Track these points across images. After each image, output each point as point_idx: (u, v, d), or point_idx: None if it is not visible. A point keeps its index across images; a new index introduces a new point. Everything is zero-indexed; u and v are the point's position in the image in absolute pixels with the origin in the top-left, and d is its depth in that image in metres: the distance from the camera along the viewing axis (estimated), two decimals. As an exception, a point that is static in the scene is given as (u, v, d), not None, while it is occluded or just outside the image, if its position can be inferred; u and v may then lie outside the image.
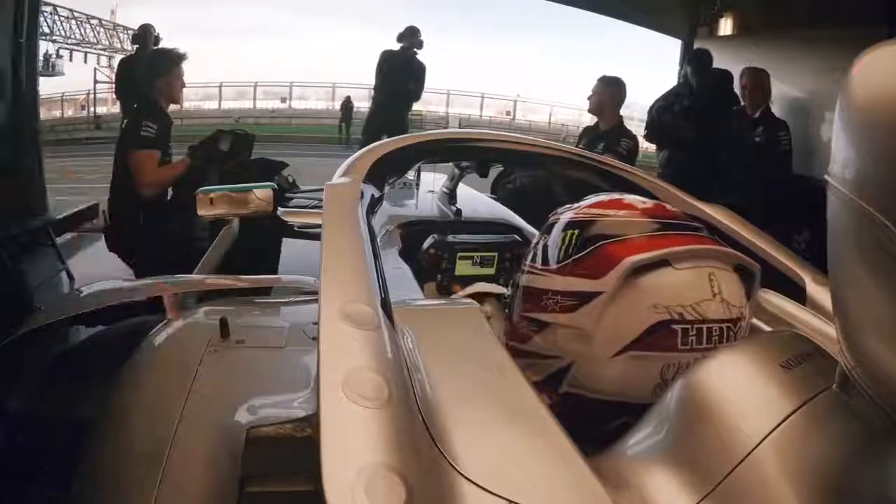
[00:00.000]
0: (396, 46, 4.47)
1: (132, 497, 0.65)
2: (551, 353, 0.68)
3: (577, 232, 0.69)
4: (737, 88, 3.49)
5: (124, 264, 2.71)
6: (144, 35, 4.26)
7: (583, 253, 0.67)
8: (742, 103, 3.44)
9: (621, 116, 3.14)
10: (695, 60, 3.82)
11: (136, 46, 4.34)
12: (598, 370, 0.64)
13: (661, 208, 0.71)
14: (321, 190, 0.94)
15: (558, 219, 0.73)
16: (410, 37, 4.43)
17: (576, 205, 0.74)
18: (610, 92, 3.05)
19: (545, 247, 0.72)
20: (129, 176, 2.56)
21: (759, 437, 0.46)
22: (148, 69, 2.74)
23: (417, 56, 4.49)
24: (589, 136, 3.15)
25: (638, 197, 0.73)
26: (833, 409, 0.47)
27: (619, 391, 0.63)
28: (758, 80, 3.30)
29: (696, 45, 4.56)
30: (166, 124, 2.62)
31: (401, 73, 4.44)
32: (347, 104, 14.81)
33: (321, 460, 0.39)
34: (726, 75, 3.66)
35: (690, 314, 0.62)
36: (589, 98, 3.09)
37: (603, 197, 0.74)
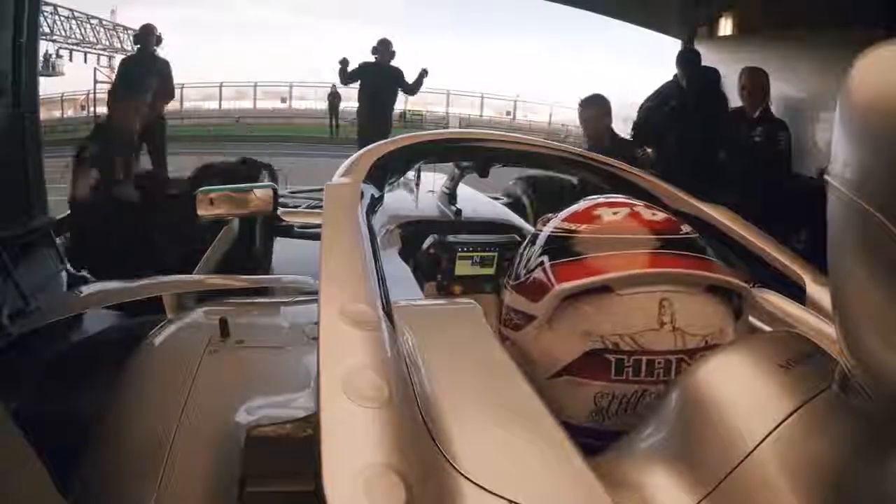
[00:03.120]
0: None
1: (132, 497, 0.65)
2: None
3: (534, 250, 0.68)
4: (734, 89, 3.47)
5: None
6: (146, 35, 4.27)
7: (531, 272, 0.66)
8: (739, 103, 3.41)
9: (613, 130, 3.03)
10: (684, 60, 3.80)
11: (137, 46, 4.35)
12: (539, 390, 0.62)
13: (633, 219, 0.65)
14: (321, 190, 0.94)
15: (541, 230, 0.72)
16: (383, 49, 4.83)
17: (549, 215, 0.72)
18: (592, 111, 2.94)
19: (518, 261, 0.72)
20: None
21: (759, 437, 0.46)
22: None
23: (392, 63, 4.90)
24: None
25: (611, 206, 0.68)
26: (833, 409, 0.47)
27: (557, 412, 0.62)
28: (757, 80, 3.28)
29: (696, 46, 4.55)
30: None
31: (376, 82, 4.84)
32: (334, 99, 13.95)
33: (321, 460, 0.39)
34: (714, 74, 3.64)
35: (628, 344, 0.59)
36: (581, 127, 2.99)
37: (581, 206, 0.70)
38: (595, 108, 2.96)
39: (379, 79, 4.82)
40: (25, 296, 2.50)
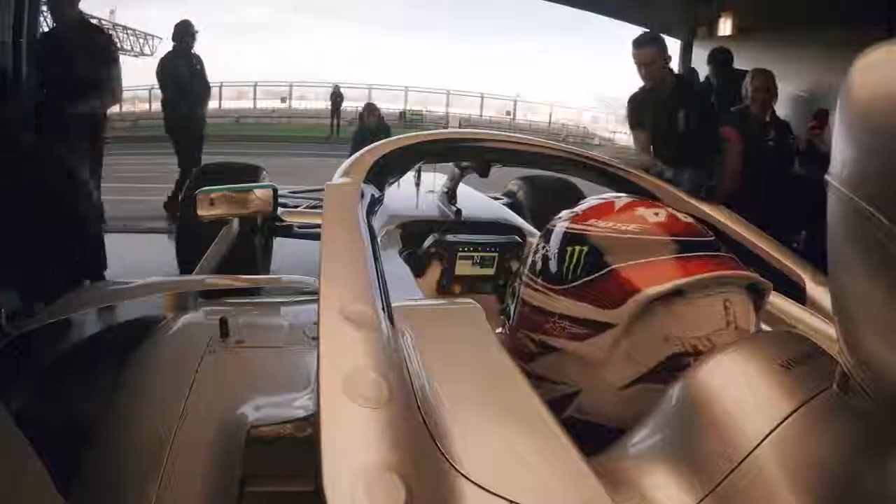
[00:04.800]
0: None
1: (132, 497, 0.65)
2: (557, 379, 0.66)
3: (584, 249, 0.64)
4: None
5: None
6: (183, 31, 4.29)
7: (594, 277, 0.62)
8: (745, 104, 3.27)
9: (673, 71, 3.00)
10: (717, 59, 3.66)
11: (174, 44, 4.35)
12: (608, 400, 0.62)
13: (674, 222, 0.66)
14: (321, 190, 0.95)
15: (558, 226, 0.69)
16: (369, 115, 5.57)
17: (577, 209, 0.70)
18: (650, 51, 2.86)
19: (546, 258, 0.67)
20: None
21: (759, 437, 0.46)
22: None
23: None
24: None
25: (648, 206, 0.68)
26: (833, 409, 0.47)
27: (627, 419, 0.60)
28: (768, 83, 3.12)
29: (695, 45, 4.55)
30: None
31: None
32: (336, 98, 13.75)
33: (321, 460, 0.39)
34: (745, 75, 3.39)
35: (704, 345, 0.60)
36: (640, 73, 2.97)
37: (610, 200, 0.69)
38: (654, 49, 2.84)
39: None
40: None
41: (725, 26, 5.09)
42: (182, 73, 4.26)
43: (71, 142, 2.73)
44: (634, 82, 3.02)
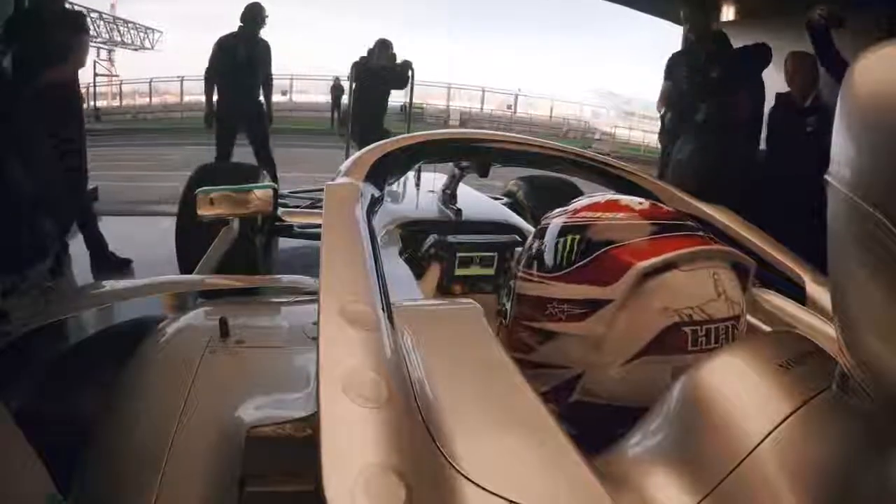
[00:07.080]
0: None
1: (132, 497, 0.65)
2: (560, 363, 0.67)
3: (577, 237, 0.68)
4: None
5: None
6: (251, 14, 4.01)
7: (587, 259, 0.66)
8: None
9: None
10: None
11: (240, 25, 4.03)
12: (611, 377, 0.64)
13: (658, 209, 0.71)
14: (321, 190, 0.95)
15: (552, 223, 0.73)
16: (380, 52, 4.46)
17: (568, 207, 0.74)
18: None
19: (540, 252, 0.71)
20: None
21: (759, 437, 0.46)
22: None
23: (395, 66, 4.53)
24: None
25: (633, 198, 0.73)
26: (833, 409, 0.47)
27: (632, 396, 0.63)
28: (805, 66, 3.02)
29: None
30: None
31: (374, 84, 4.46)
32: (337, 91, 13.82)
33: (321, 460, 0.39)
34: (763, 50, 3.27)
35: (699, 315, 0.63)
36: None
37: (597, 198, 0.73)
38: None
39: (374, 81, 4.47)
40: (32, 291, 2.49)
41: (729, 12, 5.06)
42: (240, 57, 3.94)
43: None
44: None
